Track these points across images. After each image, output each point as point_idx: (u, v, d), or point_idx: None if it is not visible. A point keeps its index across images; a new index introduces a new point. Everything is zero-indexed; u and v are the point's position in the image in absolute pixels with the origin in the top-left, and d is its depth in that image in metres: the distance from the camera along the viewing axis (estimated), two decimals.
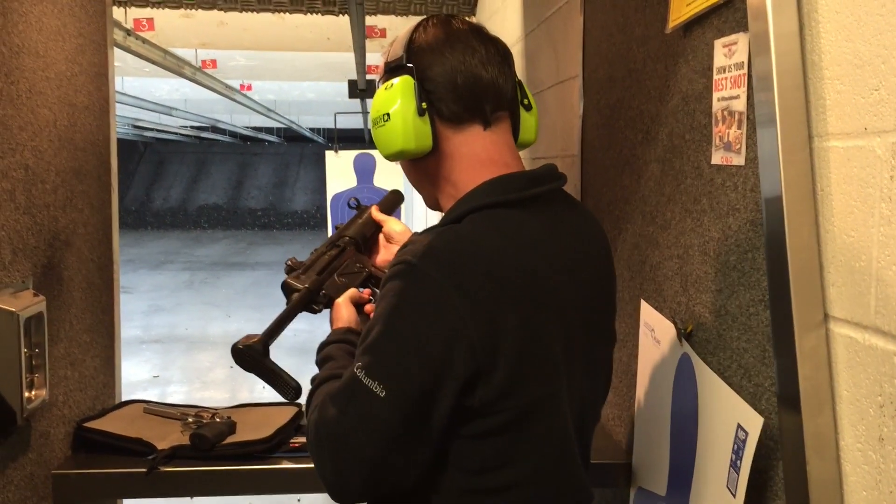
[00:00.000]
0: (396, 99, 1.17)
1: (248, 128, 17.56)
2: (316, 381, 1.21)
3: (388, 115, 1.18)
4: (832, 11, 1.03)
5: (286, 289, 1.41)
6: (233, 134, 19.86)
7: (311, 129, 18.68)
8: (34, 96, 1.53)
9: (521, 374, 1.07)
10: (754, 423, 1.12)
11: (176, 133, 17.70)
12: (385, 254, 1.54)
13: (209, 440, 1.68)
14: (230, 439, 1.73)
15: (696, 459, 1.32)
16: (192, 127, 16.75)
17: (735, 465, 1.16)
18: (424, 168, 1.24)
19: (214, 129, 17.87)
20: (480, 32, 1.23)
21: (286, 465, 1.71)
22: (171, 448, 1.67)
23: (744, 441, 1.14)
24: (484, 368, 1.05)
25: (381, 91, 1.20)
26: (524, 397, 1.08)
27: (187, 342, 8.91)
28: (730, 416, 1.20)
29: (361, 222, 1.54)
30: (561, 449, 1.15)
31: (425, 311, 1.05)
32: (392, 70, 1.21)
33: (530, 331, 1.08)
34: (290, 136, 21.45)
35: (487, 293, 1.05)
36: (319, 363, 1.28)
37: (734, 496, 1.15)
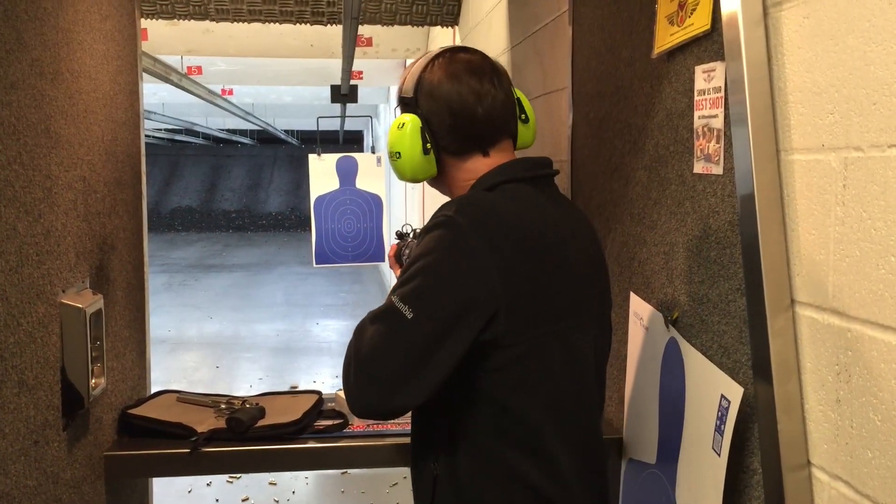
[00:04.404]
0: (406, 140, 1.43)
1: (222, 130, 17.63)
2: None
3: (399, 153, 1.45)
4: (795, 46, 1.23)
5: None
6: (206, 136, 19.90)
7: (286, 132, 18.77)
8: (89, 115, 1.71)
9: (532, 312, 1.31)
10: (736, 393, 1.33)
11: (149, 136, 17.74)
12: None
13: (245, 423, 1.86)
14: (262, 422, 1.91)
15: (684, 428, 1.53)
16: (166, 129, 16.79)
17: (720, 430, 1.36)
18: (439, 184, 1.53)
19: (188, 132, 17.91)
20: (479, 68, 1.45)
21: (313, 444, 1.90)
22: (210, 431, 1.85)
23: (727, 408, 1.35)
24: (502, 305, 1.27)
25: (394, 129, 1.45)
26: (534, 331, 1.32)
27: (170, 343, 9.02)
28: (714, 388, 1.40)
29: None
30: (574, 381, 1.38)
31: (457, 253, 1.28)
32: (404, 104, 1.47)
33: (539, 276, 1.32)
34: (264, 138, 21.51)
35: (507, 243, 1.29)
36: None
37: (719, 455, 1.36)
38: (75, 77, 1.63)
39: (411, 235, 1.80)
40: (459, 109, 1.42)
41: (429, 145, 1.43)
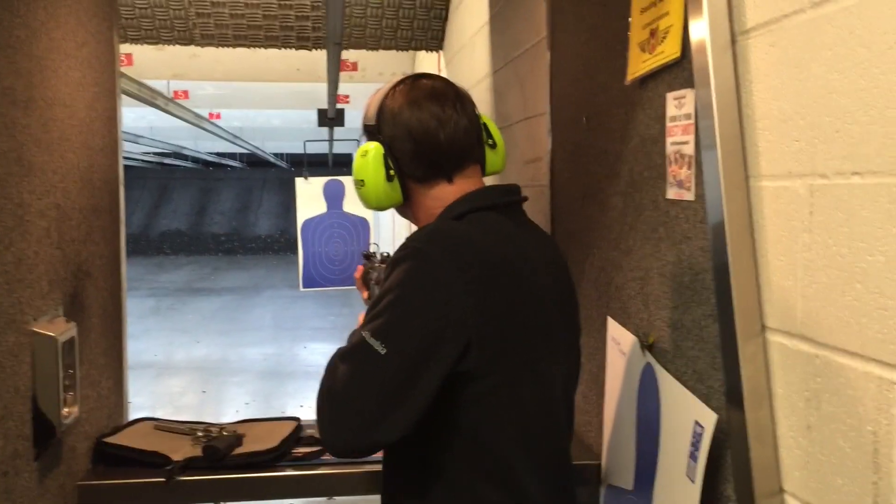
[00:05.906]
0: (369, 168, 1.43)
1: (210, 153, 17.63)
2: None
3: (363, 181, 1.44)
4: (762, 74, 1.24)
5: None
6: (195, 160, 19.89)
7: (275, 155, 18.78)
8: (63, 142, 1.70)
9: (504, 342, 1.29)
10: (709, 419, 1.32)
11: (138, 160, 17.72)
12: None
13: (221, 451, 1.84)
14: (238, 450, 1.90)
15: (659, 454, 1.52)
16: (154, 153, 16.77)
17: (693, 456, 1.36)
18: (405, 211, 1.52)
19: (177, 156, 17.90)
20: (441, 94, 1.44)
21: (290, 472, 1.88)
22: (186, 459, 1.83)
23: (700, 435, 1.34)
24: (474, 337, 1.26)
25: (358, 157, 1.46)
26: (507, 361, 1.30)
27: (157, 368, 8.96)
28: (688, 415, 1.40)
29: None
30: (544, 410, 1.37)
31: (428, 285, 1.26)
32: (368, 132, 1.47)
33: (511, 306, 1.31)
34: (253, 161, 21.52)
35: (478, 273, 1.28)
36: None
37: (693, 482, 1.35)
38: (49, 105, 1.62)
39: (379, 258, 1.80)
40: (421, 135, 1.41)
41: (392, 172, 1.42)
